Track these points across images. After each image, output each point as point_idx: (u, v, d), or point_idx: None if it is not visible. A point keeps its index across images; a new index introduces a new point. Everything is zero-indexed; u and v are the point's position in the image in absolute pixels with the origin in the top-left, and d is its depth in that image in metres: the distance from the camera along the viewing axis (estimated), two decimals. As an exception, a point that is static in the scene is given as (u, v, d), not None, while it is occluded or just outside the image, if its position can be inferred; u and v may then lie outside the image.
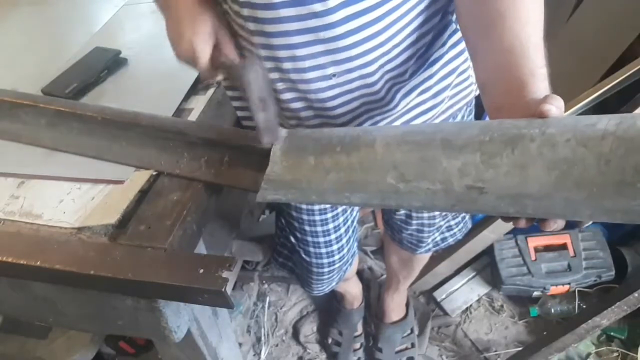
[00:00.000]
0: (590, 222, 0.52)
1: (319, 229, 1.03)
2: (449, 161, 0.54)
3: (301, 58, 0.68)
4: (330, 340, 1.54)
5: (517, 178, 0.50)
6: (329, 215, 1.01)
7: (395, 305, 1.50)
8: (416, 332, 1.53)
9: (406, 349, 1.49)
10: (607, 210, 0.46)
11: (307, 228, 1.03)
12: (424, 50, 0.74)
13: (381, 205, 0.58)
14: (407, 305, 1.54)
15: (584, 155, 0.47)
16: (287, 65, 0.69)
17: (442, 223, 1.10)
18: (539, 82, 0.53)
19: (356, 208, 1.08)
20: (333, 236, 1.04)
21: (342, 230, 1.05)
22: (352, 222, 1.08)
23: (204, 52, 0.64)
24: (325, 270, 1.11)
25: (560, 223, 0.51)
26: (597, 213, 0.47)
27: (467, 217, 1.15)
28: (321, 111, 0.76)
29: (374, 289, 1.63)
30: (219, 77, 0.69)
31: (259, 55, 0.69)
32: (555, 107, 0.49)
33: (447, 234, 1.15)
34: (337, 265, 1.11)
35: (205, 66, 0.66)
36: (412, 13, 0.69)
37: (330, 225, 1.02)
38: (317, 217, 1.00)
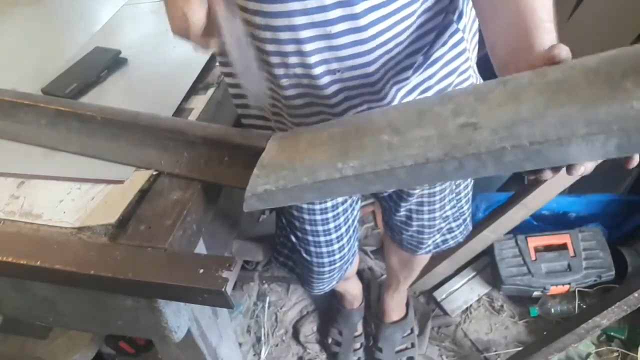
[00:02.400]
0: (593, 165, 0.49)
1: (319, 228, 1.03)
2: (442, 107, 0.55)
3: (308, 53, 0.68)
4: (330, 340, 1.54)
5: (509, 107, 0.50)
6: (330, 214, 1.01)
7: (396, 305, 1.50)
8: (416, 332, 1.53)
9: (406, 348, 1.49)
10: (603, 122, 0.44)
11: (307, 227, 1.03)
12: (425, 50, 0.74)
13: (374, 175, 0.56)
14: (407, 305, 1.54)
15: (573, 73, 0.49)
16: (293, 60, 0.69)
17: (442, 225, 1.10)
18: (545, 35, 0.54)
19: (357, 207, 1.08)
20: (334, 235, 1.04)
21: (343, 229, 1.05)
22: (353, 221, 1.08)
23: (196, 18, 0.62)
24: (326, 269, 1.11)
25: (588, 166, 0.49)
26: (594, 128, 0.45)
27: (468, 219, 1.15)
28: (324, 107, 0.76)
29: (374, 289, 1.63)
30: (213, 47, 0.68)
31: (265, 50, 0.70)
32: (565, 51, 0.50)
33: (447, 236, 1.15)
34: (337, 264, 1.11)
35: (198, 33, 0.63)
36: (417, 12, 0.69)
37: (331, 225, 1.02)
38: (318, 217, 1.00)
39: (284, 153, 0.64)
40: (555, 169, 0.50)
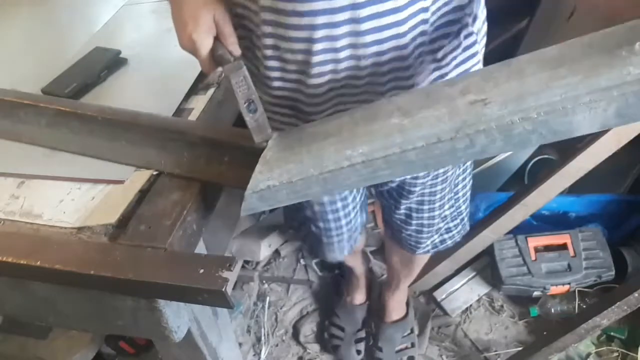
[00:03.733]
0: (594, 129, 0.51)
1: (330, 216, 1.06)
2: (451, 88, 0.57)
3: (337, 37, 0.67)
4: (331, 335, 1.54)
5: (516, 81, 0.53)
6: (339, 204, 1.03)
7: (396, 304, 1.50)
8: (416, 332, 1.53)
9: (406, 348, 1.49)
10: (604, 89, 0.48)
11: (316, 209, 1.05)
12: (440, 52, 0.75)
13: (384, 160, 0.57)
14: (408, 304, 1.54)
15: (569, 50, 0.53)
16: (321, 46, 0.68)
17: (441, 225, 1.10)
18: None
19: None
20: (342, 213, 1.07)
21: (350, 207, 1.07)
22: (361, 197, 1.10)
23: (204, 46, 0.65)
24: (334, 233, 1.12)
25: None
26: (596, 96, 0.48)
27: (466, 218, 1.15)
28: (344, 96, 0.76)
29: (375, 289, 1.63)
30: (219, 70, 0.69)
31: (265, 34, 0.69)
32: None
33: (445, 236, 1.15)
34: (345, 232, 1.13)
35: (205, 60, 0.66)
36: (435, 14, 0.70)
37: (341, 213, 1.06)
38: (328, 208, 1.03)
39: (288, 148, 0.64)
40: None
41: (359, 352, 1.51)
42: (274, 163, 0.62)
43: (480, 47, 0.81)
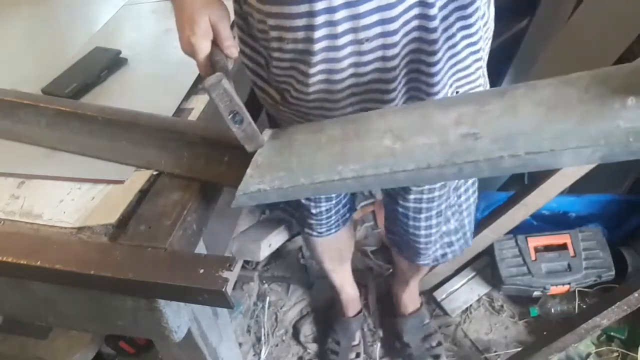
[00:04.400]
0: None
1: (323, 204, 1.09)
2: (444, 115, 0.58)
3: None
4: (327, 349, 1.54)
5: (508, 118, 0.54)
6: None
7: (410, 298, 1.50)
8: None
9: (430, 334, 1.48)
10: (592, 137, 0.51)
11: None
12: (442, 54, 0.75)
13: (374, 177, 0.58)
14: (420, 297, 1.54)
15: (566, 90, 0.54)
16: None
17: (445, 239, 1.11)
18: None
19: None
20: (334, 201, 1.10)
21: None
22: None
23: (201, 50, 0.65)
24: (323, 208, 1.13)
25: None
26: (584, 142, 0.51)
27: (469, 233, 1.16)
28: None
29: (372, 292, 1.63)
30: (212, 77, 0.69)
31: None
32: None
33: (447, 250, 1.16)
34: (334, 205, 1.13)
35: (202, 64, 0.66)
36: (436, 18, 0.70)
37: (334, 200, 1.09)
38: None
39: (279, 155, 0.64)
40: None
41: None
42: (265, 169, 0.63)
43: (484, 52, 0.81)
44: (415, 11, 0.68)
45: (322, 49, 0.70)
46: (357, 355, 1.52)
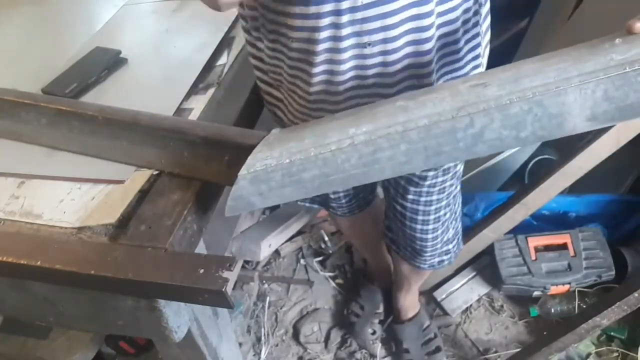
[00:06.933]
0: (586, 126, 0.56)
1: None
2: (453, 80, 0.64)
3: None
4: (350, 311, 1.55)
5: (512, 70, 0.59)
6: None
7: (410, 304, 1.50)
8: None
9: (430, 339, 1.48)
10: (591, 72, 0.54)
11: None
12: (444, 51, 0.76)
13: (385, 140, 0.59)
14: (420, 298, 1.55)
15: (559, 50, 0.60)
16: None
17: (443, 247, 1.13)
18: None
19: None
20: None
21: None
22: None
23: None
24: (342, 194, 1.14)
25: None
26: (585, 77, 0.54)
27: (460, 237, 1.17)
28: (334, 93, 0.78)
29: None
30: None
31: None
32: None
33: (444, 257, 1.17)
34: (352, 192, 1.14)
35: None
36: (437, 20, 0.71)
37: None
38: None
39: (292, 132, 0.67)
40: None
41: (373, 332, 1.52)
42: (276, 143, 0.64)
43: (484, 50, 0.82)
44: (412, 15, 0.70)
45: (324, 50, 0.71)
46: (381, 322, 1.54)
